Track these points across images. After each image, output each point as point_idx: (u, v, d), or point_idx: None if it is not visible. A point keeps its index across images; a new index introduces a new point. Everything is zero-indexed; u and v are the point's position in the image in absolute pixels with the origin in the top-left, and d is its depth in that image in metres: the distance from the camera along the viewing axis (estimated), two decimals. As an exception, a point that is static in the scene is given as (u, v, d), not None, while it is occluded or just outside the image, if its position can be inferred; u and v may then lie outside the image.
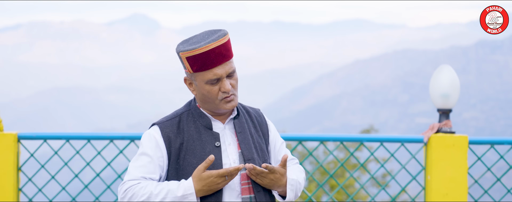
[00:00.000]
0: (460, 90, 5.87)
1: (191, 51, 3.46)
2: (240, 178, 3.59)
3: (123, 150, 5.90)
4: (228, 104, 3.55)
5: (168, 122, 3.61)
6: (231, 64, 3.53)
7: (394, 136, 5.95)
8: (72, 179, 6.00)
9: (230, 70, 3.51)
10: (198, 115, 3.62)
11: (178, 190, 3.43)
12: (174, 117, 3.64)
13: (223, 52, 3.48)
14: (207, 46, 3.44)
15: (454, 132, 5.83)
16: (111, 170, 6.33)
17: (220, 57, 3.47)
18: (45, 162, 5.96)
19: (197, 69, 3.50)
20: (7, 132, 5.78)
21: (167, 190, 3.44)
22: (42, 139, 5.89)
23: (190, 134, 3.58)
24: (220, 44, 3.46)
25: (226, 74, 3.51)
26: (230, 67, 3.52)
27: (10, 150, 5.75)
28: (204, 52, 3.45)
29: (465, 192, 5.75)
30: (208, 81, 3.51)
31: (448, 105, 5.85)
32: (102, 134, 5.90)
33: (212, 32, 3.51)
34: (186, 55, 3.48)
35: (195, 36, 3.56)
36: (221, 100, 3.54)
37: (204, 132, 3.59)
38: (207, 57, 3.46)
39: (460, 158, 5.74)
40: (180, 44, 3.54)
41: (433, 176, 5.75)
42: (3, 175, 5.75)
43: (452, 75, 5.85)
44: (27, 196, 5.88)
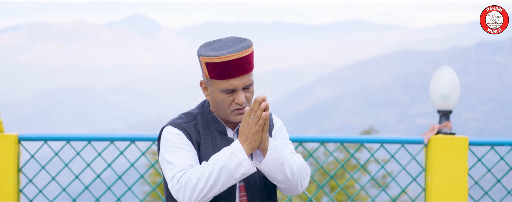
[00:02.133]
0: (460, 91, 5.88)
1: (211, 58, 3.40)
2: (239, 190, 3.56)
3: (123, 151, 5.91)
4: (239, 116, 3.51)
5: (185, 124, 3.55)
6: (250, 77, 3.48)
7: (395, 138, 5.95)
8: (73, 180, 6.01)
9: (247, 83, 3.47)
10: (212, 120, 3.58)
11: (225, 152, 3.38)
12: (191, 120, 3.58)
13: (244, 64, 3.43)
14: (228, 56, 3.39)
15: (454, 134, 5.83)
16: (111, 171, 6.34)
17: (239, 69, 3.43)
18: (46, 163, 5.97)
19: (215, 76, 3.45)
20: (8, 133, 5.79)
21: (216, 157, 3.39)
22: (43, 140, 5.90)
23: (206, 137, 3.55)
24: (242, 56, 3.41)
25: (243, 86, 3.47)
26: (248, 80, 3.47)
27: (10, 151, 5.76)
28: (224, 62, 3.39)
29: (465, 193, 5.75)
30: (223, 90, 3.46)
31: (448, 107, 5.86)
32: (102, 136, 5.91)
33: (237, 41, 3.47)
34: (205, 61, 3.43)
35: (219, 40, 3.51)
36: (232, 111, 3.50)
37: (219, 138, 3.57)
38: (226, 67, 3.41)
39: (460, 159, 5.75)
40: (202, 46, 3.50)
41: (433, 177, 5.76)
42: (4, 176, 5.75)
43: (452, 76, 5.85)
44: (27, 197, 5.88)
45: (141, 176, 5.95)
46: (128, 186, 6.06)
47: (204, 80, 3.53)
